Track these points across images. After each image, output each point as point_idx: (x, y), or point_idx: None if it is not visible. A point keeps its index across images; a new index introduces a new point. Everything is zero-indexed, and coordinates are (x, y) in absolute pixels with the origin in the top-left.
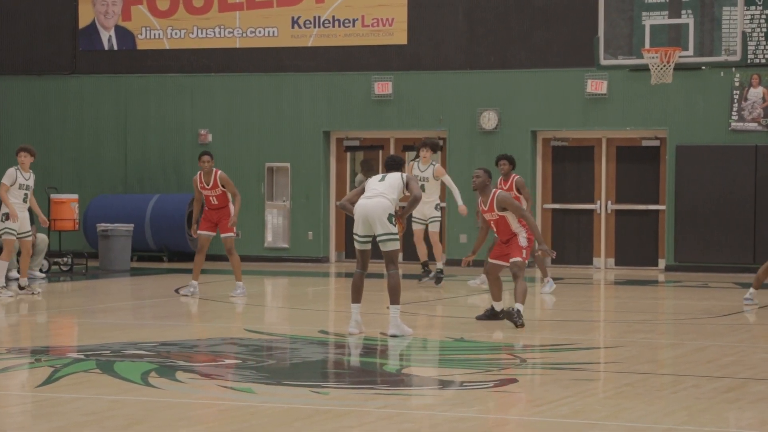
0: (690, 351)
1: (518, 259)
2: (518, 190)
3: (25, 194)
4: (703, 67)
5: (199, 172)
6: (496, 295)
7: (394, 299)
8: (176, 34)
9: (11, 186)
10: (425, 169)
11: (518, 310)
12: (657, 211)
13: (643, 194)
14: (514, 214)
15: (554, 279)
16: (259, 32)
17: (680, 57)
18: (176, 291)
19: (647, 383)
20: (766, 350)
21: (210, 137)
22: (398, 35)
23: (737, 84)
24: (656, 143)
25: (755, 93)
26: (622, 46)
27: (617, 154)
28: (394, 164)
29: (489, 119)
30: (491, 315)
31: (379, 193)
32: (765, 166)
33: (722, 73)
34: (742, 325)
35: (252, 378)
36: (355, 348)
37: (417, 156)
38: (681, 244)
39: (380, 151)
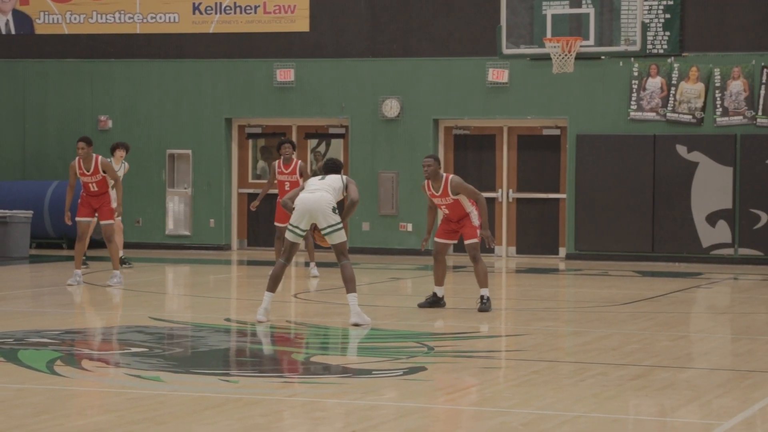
0: (594, 339)
1: (474, 240)
2: (300, 174)
3: None
4: (603, 57)
5: (77, 158)
6: (439, 280)
7: (351, 288)
8: (75, 18)
9: None
10: (118, 168)
11: (486, 297)
12: (558, 199)
13: (544, 183)
14: (468, 197)
15: (457, 267)
16: (160, 18)
17: (581, 46)
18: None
19: (554, 371)
20: (668, 338)
21: (110, 123)
22: (300, 22)
23: (636, 74)
24: (557, 132)
25: (653, 83)
26: (524, 36)
27: (518, 142)
28: (334, 167)
29: (391, 107)
30: (434, 302)
31: (321, 188)
32: (663, 155)
33: (621, 63)
34: (644, 313)
35: (159, 366)
36: (262, 336)
37: (113, 154)
38: (581, 232)
39: (282, 138)
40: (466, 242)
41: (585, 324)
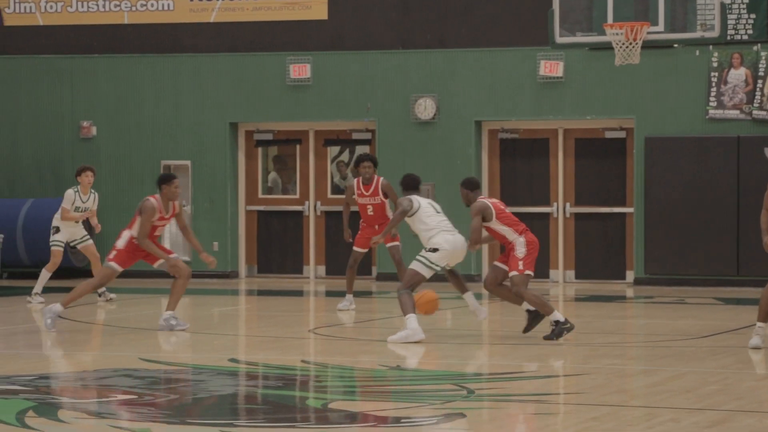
0: (666, 379)
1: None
2: (385, 195)
3: None
4: (676, 45)
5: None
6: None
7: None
8: (51, 7)
9: None
10: (86, 198)
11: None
12: (624, 214)
13: (607, 195)
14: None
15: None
16: (152, 6)
17: (649, 33)
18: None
19: (617, 417)
20: (754, 377)
21: (94, 130)
22: (317, 9)
23: (715, 65)
24: (622, 135)
25: (736, 75)
26: (581, 21)
27: (576, 147)
28: (415, 185)
29: (425, 108)
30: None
31: (449, 223)
32: (749, 160)
33: (698, 53)
34: (726, 348)
35: (150, 416)
36: (273, 380)
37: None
38: (652, 253)
39: (297, 146)
40: None
41: (655, 361)
